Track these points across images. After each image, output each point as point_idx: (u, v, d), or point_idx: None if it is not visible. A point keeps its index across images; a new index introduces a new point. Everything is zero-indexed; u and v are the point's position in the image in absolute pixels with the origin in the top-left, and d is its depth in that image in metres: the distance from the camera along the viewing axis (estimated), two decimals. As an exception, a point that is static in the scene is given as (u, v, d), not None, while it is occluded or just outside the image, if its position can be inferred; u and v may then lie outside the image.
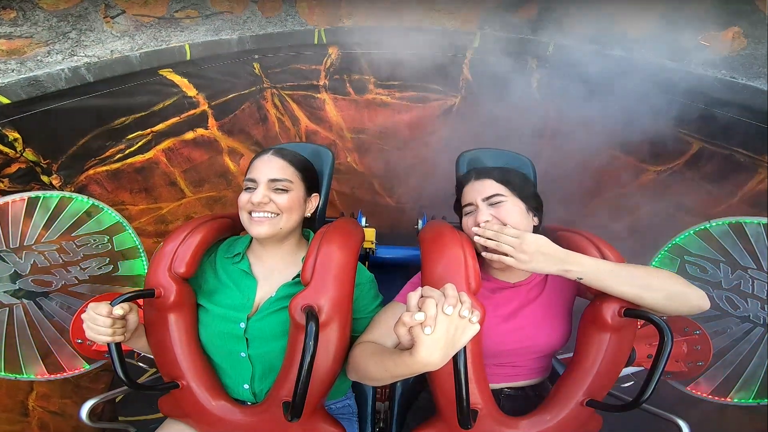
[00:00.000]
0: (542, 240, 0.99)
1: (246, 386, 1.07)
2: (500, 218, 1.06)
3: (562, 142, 2.43)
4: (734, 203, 1.75)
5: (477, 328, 0.70)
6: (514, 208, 1.07)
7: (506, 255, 0.99)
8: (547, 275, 1.16)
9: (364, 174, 2.88)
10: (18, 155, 1.58)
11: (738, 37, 1.67)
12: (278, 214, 1.08)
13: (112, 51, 1.78)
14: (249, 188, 1.09)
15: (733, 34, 1.67)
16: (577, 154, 2.40)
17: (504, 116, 2.44)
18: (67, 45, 1.68)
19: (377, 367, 0.85)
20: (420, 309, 0.68)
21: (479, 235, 1.04)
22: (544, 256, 0.98)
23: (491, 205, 1.08)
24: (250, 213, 1.07)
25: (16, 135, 1.55)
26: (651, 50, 1.87)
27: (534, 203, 1.13)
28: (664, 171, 2.04)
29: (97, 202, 1.36)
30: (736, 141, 1.69)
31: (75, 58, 1.69)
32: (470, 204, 1.12)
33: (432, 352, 0.68)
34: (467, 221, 1.12)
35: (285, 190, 1.09)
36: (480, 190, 1.10)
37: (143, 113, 1.96)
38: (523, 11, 2.12)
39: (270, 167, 1.10)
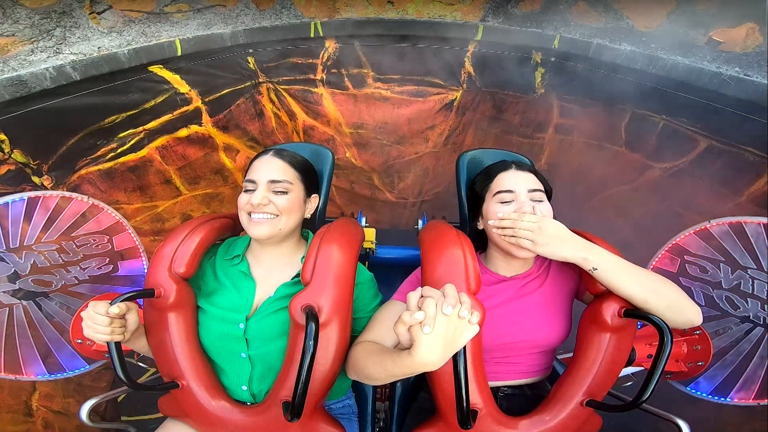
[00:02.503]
0: (561, 226, 0.99)
1: (244, 387, 1.07)
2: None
3: (566, 137, 2.41)
4: (742, 202, 1.73)
5: (476, 329, 0.70)
6: (549, 208, 1.08)
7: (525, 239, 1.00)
8: (548, 271, 1.16)
9: (363, 169, 2.86)
10: (6, 157, 1.56)
11: (752, 33, 1.61)
12: (278, 216, 1.07)
13: (99, 48, 1.73)
14: (248, 189, 1.08)
15: (747, 31, 1.61)
16: (582, 150, 2.39)
17: (506, 110, 2.42)
18: (51, 43, 1.63)
19: (376, 367, 0.85)
20: (420, 308, 0.69)
21: (497, 227, 1.04)
22: (561, 241, 0.98)
23: (533, 199, 1.07)
24: (249, 214, 1.07)
25: (3, 136, 1.52)
26: (660, 45, 1.83)
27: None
28: (670, 168, 2.01)
29: (96, 202, 1.36)
30: (746, 139, 1.66)
31: (60, 56, 1.65)
32: (509, 191, 1.07)
33: (430, 352, 0.68)
34: (501, 210, 1.07)
35: (284, 192, 1.08)
36: (525, 180, 1.08)
37: (134, 111, 1.93)
38: (527, 3, 2.06)
39: (270, 168, 1.09)
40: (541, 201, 1.07)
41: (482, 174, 1.19)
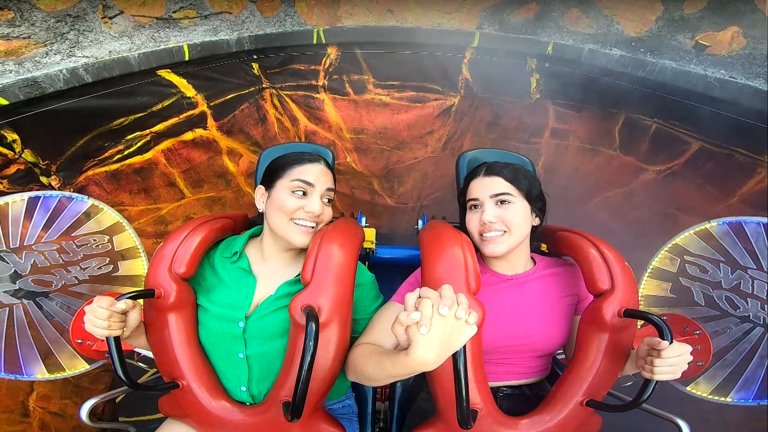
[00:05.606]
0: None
1: (243, 388, 1.06)
2: (505, 219, 1.07)
3: (562, 142, 2.43)
4: (733, 203, 1.75)
5: (474, 329, 0.70)
6: (519, 210, 1.08)
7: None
8: (552, 273, 1.17)
9: (364, 174, 2.88)
10: (17, 156, 1.59)
11: (737, 37, 1.67)
12: (317, 225, 1.08)
13: (110, 51, 1.78)
14: (300, 191, 1.07)
15: (732, 34, 1.67)
16: (576, 154, 2.41)
17: (503, 115, 2.44)
18: (65, 46, 1.69)
19: (375, 368, 0.85)
20: (417, 309, 0.69)
21: (670, 373, 0.89)
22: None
23: (497, 203, 1.09)
24: (291, 218, 1.06)
25: (15, 136, 1.55)
26: (649, 49, 1.87)
27: (539, 204, 1.14)
28: (663, 171, 2.04)
29: (96, 202, 1.36)
30: (735, 141, 1.69)
31: (73, 58, 1.69)
32: (475, 199, 1.12)
33: (427, 352, 0.69)
34: (471, 218, 1.13)
35: (330, 201, 1.11)
36: (488, 186, 1.11)
37: (142, 114, 1.96)
38: (522, 11, 2.13)
39: (325, 176, 1.11)
40: (507, 203, 1.09)
41: (464, 180, 1.23)
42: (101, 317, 0.90)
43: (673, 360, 0.86)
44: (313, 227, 1.07)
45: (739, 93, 1.59)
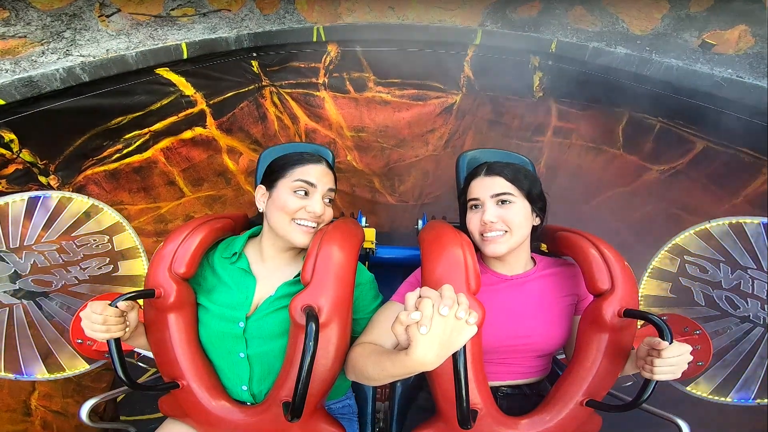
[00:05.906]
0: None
1: (244, 387, 1.07)
2: (506, 219, 1.07)
3: (564, 140, 2.43)
4: (738, 203, 1.74)
5: (474, 329, 0.70)
6: (520, 210, 1.08)
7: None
8: (551, 273, 1.17)
9: (364, 172, 2.87)
10: (15, 156, 1.58)
11: (745, 35, 1.64)
12: (318, 225, 1.08)
13: (107, 50, 1.76)
14: (302, 191, 1.07)
15: (740, 33, 1.64)
16: (579, 153, 2.40)
17: (505, 114, 2.43)
18: (61, 44, 1.67)
19: (375, 367, 0.86)
20: (417, 309, 0.69)
21: (670, 373, 0.89)
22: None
23: (498, 203, 1.09)
24: (293, 219, 1.06)
25: (12, 136, 1.54)
26: (655, 48, 1.86)
27: (539, 204, 1.14)
28: (667, 170, 2.03)
29: (96, 202, 1.36)
30: (741, 141, 1.68)
31: (70, 57, 1.67)
32: (476, 199, 1.12)
33: (427, 352, 0.69)
34: (472, 218, 1.13)
35: (331, 201, 1.11)
36: (489, 186, 1.10)
37: (140, 113, 1.95)
38: (525, 8, 2.11)
39: (327, 177, 1.11)
40: (508, 203, 1.08)
41: (464, 180, 1.23)
42: (97, 322, 0.91)
43: (673, 360, 0.87)
44: (314, 227, 1.07)
45: (746, 92, 1.57)
